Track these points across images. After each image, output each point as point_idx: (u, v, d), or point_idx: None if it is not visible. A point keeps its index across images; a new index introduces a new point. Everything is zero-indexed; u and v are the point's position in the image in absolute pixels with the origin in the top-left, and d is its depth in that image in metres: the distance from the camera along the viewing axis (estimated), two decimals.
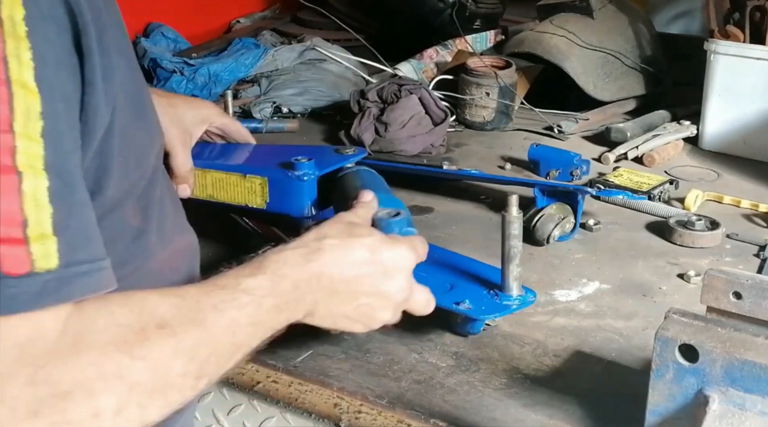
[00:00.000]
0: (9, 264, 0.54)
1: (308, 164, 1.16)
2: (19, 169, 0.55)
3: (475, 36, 2.09)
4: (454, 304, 1.01)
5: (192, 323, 0.66)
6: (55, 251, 0.56)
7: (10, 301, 0.55)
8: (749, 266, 1.24)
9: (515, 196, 0.98)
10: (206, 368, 0.67)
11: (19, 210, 0.55)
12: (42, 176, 0.56)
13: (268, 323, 0.74)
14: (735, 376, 0.75)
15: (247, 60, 1.94)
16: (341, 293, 0.81)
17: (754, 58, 1.57)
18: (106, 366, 0.59)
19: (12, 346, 0.55)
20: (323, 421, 1.00)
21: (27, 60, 0.56)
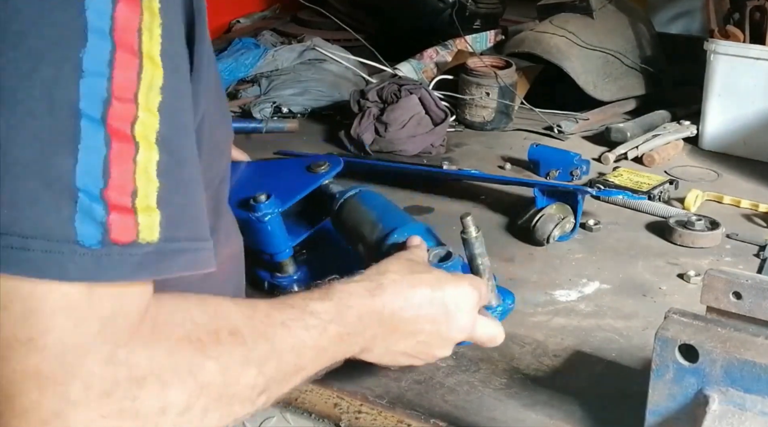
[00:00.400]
0: (117, 231, 0.55)
1: (266, 204, 1.07)
2: (137, 140, 0.56)
3: (475, 36, 2.09)
4: None
5: (262, 336, 0.66)
6: (157, 224, 0.56)
7: (110, 268, 0.55)
8: (749, 266, 1.24)
9: (470, 217, 0.96)
10: (271, 384, 0.67)
11: (132, 180, 0.55)
12: (154, 150, 0.57)
13: (329, 350, 0.74)
14: (735, 376, 0.75)
15: (247, 60, 1.94)
16: (401, 331, 0.81)
17: (754, 58, 1.57)
18: (181, 360, 0.59)
19: (96, 318, 0.55)
20: (323, 421, 0.99)
21: (157, 35, 0.57)
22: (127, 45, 0.56)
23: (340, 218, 1.09)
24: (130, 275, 0.56)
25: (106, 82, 0.55)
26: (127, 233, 0.55)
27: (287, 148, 1.63)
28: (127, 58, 0.56)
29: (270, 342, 0.66)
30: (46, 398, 0.54)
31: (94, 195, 0.54)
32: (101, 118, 0.54)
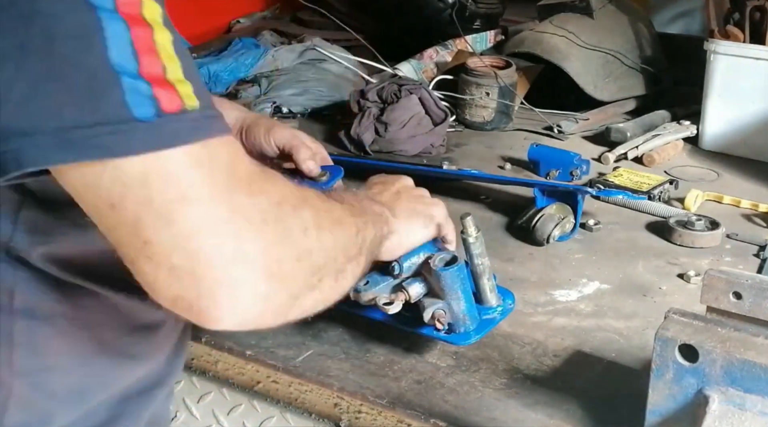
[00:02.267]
0: (166, 102, 0.59)
1: None
2: (149, 22, 0.60)
3: (475, 36, 2.09)
4: (435, 330, 0.97)
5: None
6: (192, 93, 0.61)
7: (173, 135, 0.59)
8: (749, 266, 1.24)
9: (470, 218, 0.97)
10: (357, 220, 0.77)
11: (158, 57, 0.60)
12: (165, 30, 0.61)
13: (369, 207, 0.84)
14: (735, 376, 0.75)
15: (247, 60, 1.94)
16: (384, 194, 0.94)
17: (754, 58, 1.57)
18: (291, 189, 0.67)
19: (221, 165, 0.61)
20: (323, 421, 1.00)
21: None
22: None
23: None
24: (190, 137, 0.60)
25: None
26: (174, 103, 0.60)
27: None
28: None
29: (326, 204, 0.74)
30: (222, 239, 0.60)
31: (134, 74, 0.58)
32: (113, 7, 0.58)
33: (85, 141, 0.57)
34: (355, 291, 0.94)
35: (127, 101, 0.58)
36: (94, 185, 0.59)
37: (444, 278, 0.91)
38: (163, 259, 0.60)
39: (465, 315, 0.95)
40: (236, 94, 1.86)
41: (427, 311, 0.94)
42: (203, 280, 0.60)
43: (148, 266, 0.61)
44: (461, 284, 0.93)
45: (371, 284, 0.95)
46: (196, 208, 0.60)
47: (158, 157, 0.59)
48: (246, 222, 0.61)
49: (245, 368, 1.04)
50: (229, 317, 0.62)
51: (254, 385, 1.04)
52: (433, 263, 0.92)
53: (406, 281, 0.95)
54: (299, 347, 1.05)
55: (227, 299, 0.61)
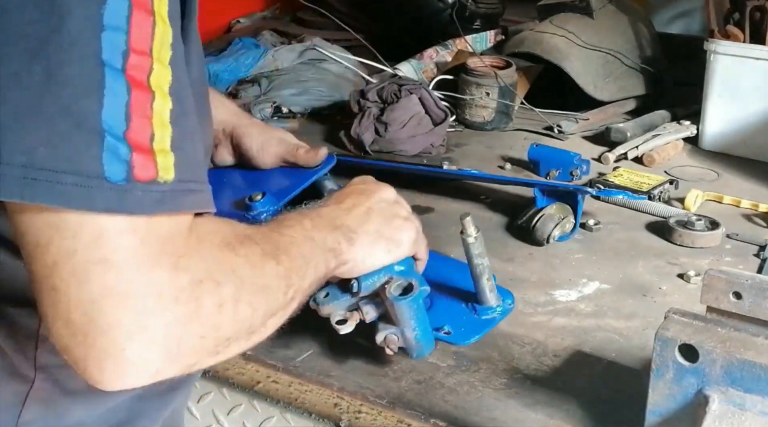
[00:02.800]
0: (139, 169, 0.60)
1: (261, 202, 1.09)
2: (153, 89, 0.61)
3: (475, 36, 2.08)
4: (434, 330, 0.97)
5: (264, 238, 0.75)
6: (172, 165, 0.62)
7: (135, 202, 0.60)
8: (749, 266, 1.24)
9: (469, 218, 0.96)
10: (290, 274, 0.75)
11: (150, 124, 0.61)
12: (167, 99, 0.62)
13: (317, 238, 0.82)
14: (735, 376, 0.75)
15: (247, 60, 1.94)
16: (357, 211, 0.91)
17: (754, 58, 1.57)
18: (224, 260, 0.67)
19: (156, 236, 0.62)
20: (323, 421, 1.00)
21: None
22: (142, 4, 0.61)
23: None
24: (151, 209, 0.61)
25: (125, 35, 0.60)
26: (148, 171, 0.61)
27: None
28: (142, 15, 0.61)
29: (272, 242, 0.75)
30: (126, 312, 0.60)
31: (119, 136, 0.59)
32: (122, 68, 0.60)
33: (49, 185, 0.58)
34: (313, 302, 0.93)
35: (102, 159, 0.59)
36: (29, 220, 0.60)
37: (398, 307, 0.90)
38: (63, 310, 0.60)
39: (417, 342, 0.94)
40: (236, 94, 1.86)
41: (379, 334, 0.94)
42: (94, 346, 0.60)
43: (49, 311, 0.61)
44: (415, 313, 0.92)
45: (331, 296, 0.94)
46: (113, 275, 0.59)
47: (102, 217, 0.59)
48: (156, 298, 0.61)
49: (245, 368, 1.04)
50: (112, 384, 0.62)
51: (254, 385, 1.04)
52: (388, 289, 0.90)
53: (362, 301, 0.93)
54: (299, 347, 1.05)
55: (113, 369, 0.61)
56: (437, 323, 0.98)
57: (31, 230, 0.60)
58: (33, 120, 0.58)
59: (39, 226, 0.59)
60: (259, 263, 0.71)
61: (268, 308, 0.71)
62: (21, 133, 0.58)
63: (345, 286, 0.93)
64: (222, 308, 0.65)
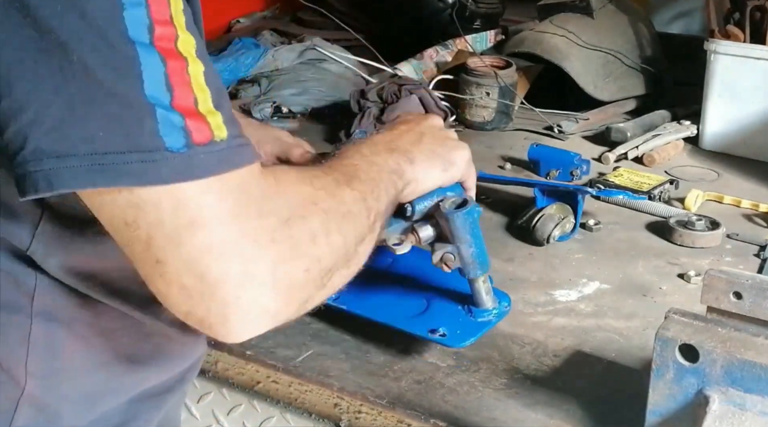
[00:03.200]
0: (196, 134, 0.61)
1: None
2: (183, 55, 0.62)
3: (475, 36, 2.08)
4: (429, 332, 0.98)
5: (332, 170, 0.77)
6: (222, 123, 0.63)
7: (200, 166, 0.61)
8: (749, 266, 1.24)
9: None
10: (367, 198, 0.77)
11: (190, 89, 0.62)
12: (197, 62, 0.63)
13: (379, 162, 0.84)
14: (735, 376, 0.75)
15: (247, 60, 1.94)
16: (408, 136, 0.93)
17: (755, 58, 1.57)
18: (302, 195, 0.69)
19: (233, 189, 0.63)
20: (323, 421, 1.00)
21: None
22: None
23: None
24: (218, 168, 0.62)
25: (145, 9, 0.61)
26: (204, 134, 0.62)
27: None
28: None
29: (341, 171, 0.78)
30: (229, 263, 0.62)
31: (167, 106, 0.61)
32: (150, 41, 0.61)
33: (116, 167, 0.59)
34: None
35: (159, 132, 0.60)
36: (111, 204, 0.62)
37: (453, 221, 0.91)
38: (174, 278, 0.62)
39: (474, 260, 0.95)
40: (236, 94, 1.86)
41: (436, 253, 0.94)
42: (212, 300, 0.63)
43: (160, 284, 0.63)
44: (471, 228, 0.92)
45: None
46: (205, 233, 0.61)
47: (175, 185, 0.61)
48: (254, 244, 0.63)
49: (245, 368, 1.04)
50: (239, 333, 0.65)
51: (254, 385, 1.04)
52: (443, 205, 0.91)
53: (417, 224, 0.94)
54: (299, 347, 1.05)
55: (236, 318, 0.64)
56: (432, 325, 0.99)
57: (115, 213, 0.62)
58: (85, 109, 0.59)
59: (120, 207, 0.61)
60: (336, 192, 0.74)
61: (356, 233, 0.74)
62: (79, 124, 0.59)
63: (397, 212, 0.93)
64: (315, 239, 0.68)
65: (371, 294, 1.04)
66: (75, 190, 0.60)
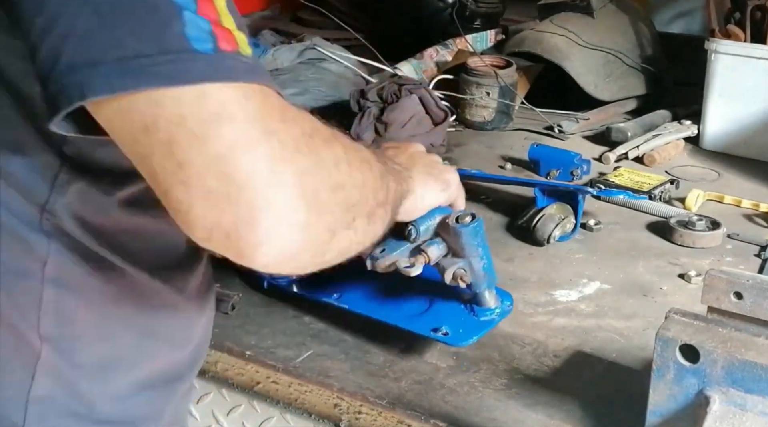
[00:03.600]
0: (223, 41, 0.61)
1: None
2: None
3: (475, 35, 2.08)
4: (432, 331, 0.98)
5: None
6: (247, 44, 0.63)
7: (228, 70, 0.61)
8: (750, 266, 1.24)
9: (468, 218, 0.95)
10: (383, 176, 0.77)
11: (214, 7, 0.62)
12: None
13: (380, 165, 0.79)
14: (736, 376, 0.75)
15: None
16: (400, 155, 0.94)
17: (755, 57, 1.57)
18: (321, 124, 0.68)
19: (258, 91, 0.62)
20: (323, 421, 0.99)
21: None
22: None
23: None
24: (245, 76, 0.61)
25: None
26: (230, 43, 0.61)
27: None
28: None
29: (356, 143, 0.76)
30: (257, 161, 0.60)
31: (194, 11, 0.60)
32: None
33: (146, 69, 0.58)
34: (371, 259, 0.94)
35: (187, 34, 0.59)
36: (129, 109, 0.60)
37: (464, 235, 0.92)
38: (197, 181, 0.59)
39: (485, 273, 0.96)
40: None
41: (448, 271, 0.94)
42: (239, 204, 0.60)
43: (182, 193, 0.60)
44: (481, 241, 0.93)
45: (388, 250, 0.95)
46: (230, 127, 0.60)
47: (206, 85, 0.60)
48: (280, 145, 0.61)
49: (245, 368, 1.04)
50: (268, 246, 0.61)
51: (254, 385, 1.04)
52: (451, 221, 0.92)
53: (424, 244, 0.94)
54: (299, 347, 1.05)
55: (265, 224, 0.60)
56: (435, 324, 0.99)
57: (135, 120, 0.60)
58: (113, 16, 0.59)
59: (141, 112, 0.59)
60: (354, 142, 0.73)
61: (375, 184, 0.73)
62: (107, 31, 0.59)
63: (400, 236, 0.94)
64: (339, 165, 0.67)
65: (373, 293, 1.04)
66: (108, 95, 0.59)
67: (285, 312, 1.11)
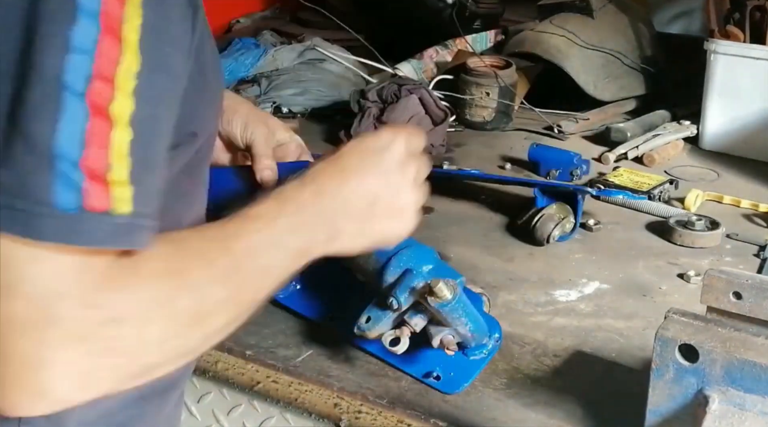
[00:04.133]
0: (93, 199, 0.58)
1: None
2: (113, 118, 0.59)
3: (475, 36, 2.08)
4: (423, 377, 0.97)
5: (219, 251, 0.70)
6: (130, 198, 0.60)
7: (84, 233, 0.58)
8: (749, 265, 1.24)
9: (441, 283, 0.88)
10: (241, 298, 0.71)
11: (107, 155, 0.59)
12: (127, 130, 0.60)
13: (288, 243, 0.75)
14: (735, 376, 0.75)
15: (247, 60, 1.94)
16: (352, 199, 0.80)
17: (754, 57, 1.57)
18: (155, 293, 0.63)
19: (72, 267, 0.59)
20: (323, 421, 1.00)
21: (137, 25, 0.61)
22: (112, 29, 0.59)
23: None
24: (101, 242, 0.59)
25: (90, 60, 0.58)
26: (102, 202, 0.59)
27: None
28: (111, 41, 0.59)
29: (229, 255, 0.70)
30: (27, 343, 0.58)
31: (73, 162, 0.58)
32: (83, 93, 0.58)
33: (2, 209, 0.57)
34: (358, 329, 0.93)
35: (53, 186, 0.57)
36: None
37: (443, 312, 0.90)
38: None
39: (473, 334, 0.95)
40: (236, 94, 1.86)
41: (435, 338, 0.93)
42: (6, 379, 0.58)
43: None
44: (463, 311, 0.91)
45: (373, 320, 0.93)
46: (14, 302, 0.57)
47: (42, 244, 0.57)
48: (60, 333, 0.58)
49: (245, 368, 1.04)
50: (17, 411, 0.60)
51: (254, 385, 1.04)
52: (430, 301, 0.88)
53: (407, 315, 0.93)
54: (299, 346, 1.05)
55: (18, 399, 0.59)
56: (426, 368, 0.98)
57: None
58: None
59: None
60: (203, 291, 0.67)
61: (204, 334, 0.69)
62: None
63: (383, 304, 0.92)
64: (147, 345, 0.63)
65: None
66: None
67: (285, 312, 1.11)
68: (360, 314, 0.95)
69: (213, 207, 0.86)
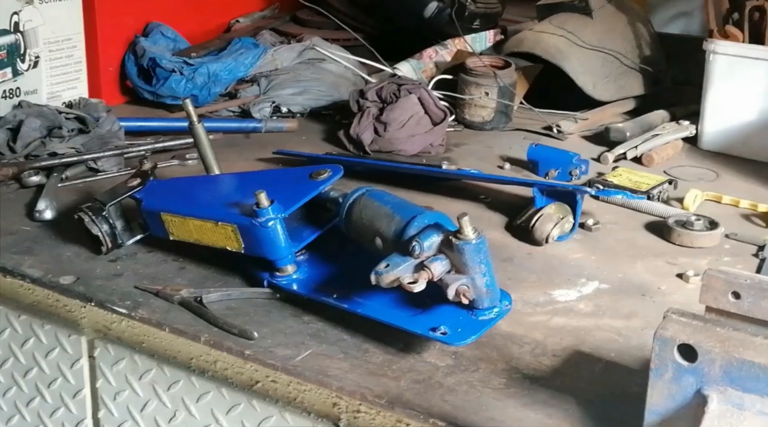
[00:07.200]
0: None
1: (268, 210, 1.08)
2: None
3: (474, 36, 2.08)
4: (430, 330, 0.99)
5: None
6: None
7: None
8: (748, 265, 1.25)
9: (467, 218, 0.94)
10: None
11: None
12: None
13: None
14: (734, 375, 0.75)
15: (246, 59, 1.93)
16: None
17: (753, 58, 1.57)
18: None
19: None
20: (322, 420, 1.00)
21: None
22: None
23: (351, 216, 1.09)
24: None
25: None
26: None
27: (286, 147, 1.63)
28: None
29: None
30: None
31: None
32: None
33: None
34: (375, 274, 0.95)
35: None
36: None
37: (467, 252, 0.92)
38: None
39: (488, 290, 0.96)
40: (236, 94, 1.86)
41: (451, 287, 0.95)
42: None
43: None
44: (484, 258, 0.94)
45: (392, 266, 0.95)
46: None
47: None
48: None
49: (244, 367, 1.04)
50: None
51: (253, 384, 1.04)
52: (454, 237, 0.93)
53: (428, 260, 0.95)
54: (298, 346, 1.05)
55: None
56: (434, 323, 0.99)
57: None
58: None
59: None
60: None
61: None
62: None
63: (405, 251, 0.95)
64: None
65: (372, 293, 1.04)
66: None
67: (284, 311, 1.11)
68: (366, 291, 0.97)
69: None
